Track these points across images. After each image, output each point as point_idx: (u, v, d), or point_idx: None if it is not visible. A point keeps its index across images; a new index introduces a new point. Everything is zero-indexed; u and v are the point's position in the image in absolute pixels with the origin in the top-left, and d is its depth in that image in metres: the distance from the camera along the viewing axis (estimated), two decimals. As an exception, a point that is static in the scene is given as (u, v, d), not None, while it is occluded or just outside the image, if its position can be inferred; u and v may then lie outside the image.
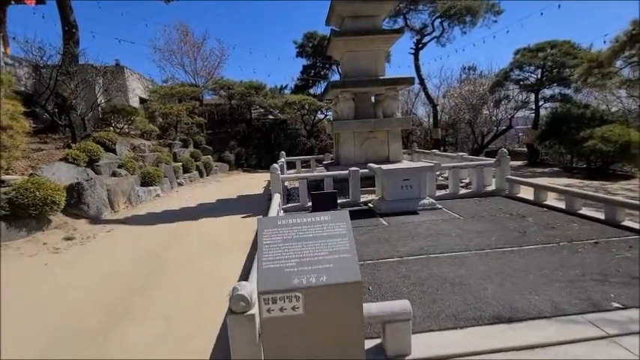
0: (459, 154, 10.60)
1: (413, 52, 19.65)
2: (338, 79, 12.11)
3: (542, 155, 16.44)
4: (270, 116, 21.05)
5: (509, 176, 7.68)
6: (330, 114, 18.11)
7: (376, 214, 6.58)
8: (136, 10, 39.84)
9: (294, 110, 19.31)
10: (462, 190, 7.97)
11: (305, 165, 14.39)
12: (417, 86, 20.57)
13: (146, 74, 18.76)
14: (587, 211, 5.70)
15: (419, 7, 18.09)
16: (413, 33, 19.02)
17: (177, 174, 12.01)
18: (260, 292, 1.95)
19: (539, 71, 15.69)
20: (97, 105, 11.53)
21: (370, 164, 7.60)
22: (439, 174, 9.07)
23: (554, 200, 6.61)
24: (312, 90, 24.05)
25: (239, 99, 19.50)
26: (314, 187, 8.00)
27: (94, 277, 4.46)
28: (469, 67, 23.21)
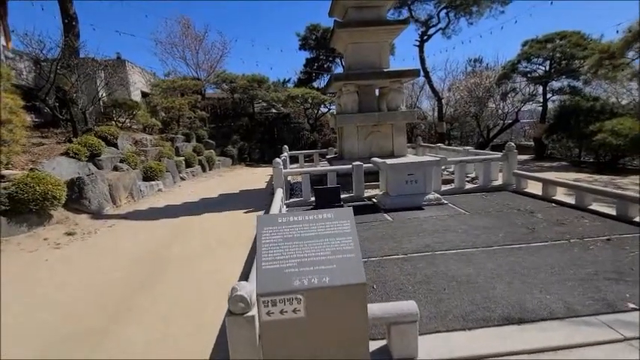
0: (465, 148, 10.42)
1: (418, 44, 19.26)
2: (341, 71, 11.91)
3: (550, 149, 16.16)
4: (273, 110, 20.90)
5: (516, 171, 7.52)
6: (334, 107, 17.91)
7: (380, 209, 6.47)
8: (136, 2, 39.52)
9: (297, 104, 19.10)
10: (468, 185, 7.82)
11: (308, 159, 14.24)
12: (422, 79, 20.26)
13: (148, 67, 18.67)
14: (597, 207, 5.54)
15: (425, -3, 17.71)
16: (418, 24, 18.62)
17: (180, 168, 11.96)
18: (259, 294, 1.85)
19: (547, 63, 15.33)
20: (98, 99, 11.46)
21: (374, 158, 7.46)
22: (444, 168, 8.91)
23: (563, 195, 6.44)
24: (315, 83, 23.82)
25: (241, 92, 19.37)
26: (317, 181, 7.90)
27: (94, 273, 4.42)
28: (475, 60, 22.69)
